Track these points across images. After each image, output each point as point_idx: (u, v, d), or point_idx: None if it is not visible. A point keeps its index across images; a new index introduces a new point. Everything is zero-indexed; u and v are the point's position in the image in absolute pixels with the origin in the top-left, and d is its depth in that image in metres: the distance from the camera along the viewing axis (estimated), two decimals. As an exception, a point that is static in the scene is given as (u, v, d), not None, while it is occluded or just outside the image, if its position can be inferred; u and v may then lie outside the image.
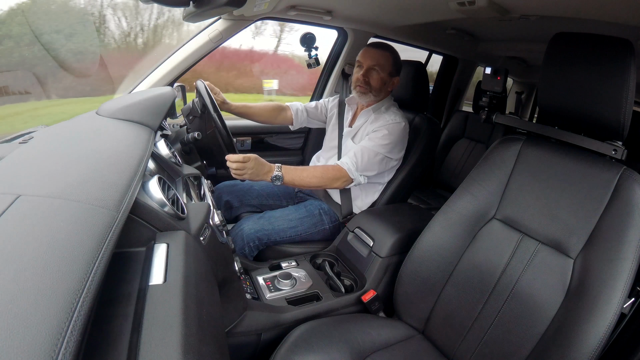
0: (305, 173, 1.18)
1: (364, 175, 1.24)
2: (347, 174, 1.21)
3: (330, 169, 1.22)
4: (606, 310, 0.66)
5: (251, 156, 1.09)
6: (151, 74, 1.42)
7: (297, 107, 1.51)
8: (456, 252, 0.92)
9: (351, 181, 1.23)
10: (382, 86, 1.30)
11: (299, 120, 1.51)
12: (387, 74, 1.29)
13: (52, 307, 0.28)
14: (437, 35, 1.99)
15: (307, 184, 1.19)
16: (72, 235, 0.36)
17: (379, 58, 1.27)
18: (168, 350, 0.37)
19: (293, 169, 1.17)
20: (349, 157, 1.23)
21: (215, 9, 0.96)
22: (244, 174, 1.09)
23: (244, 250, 1.25)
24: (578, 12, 1.11)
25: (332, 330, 0.86)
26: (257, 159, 1.10)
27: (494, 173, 0.92)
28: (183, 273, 0.48)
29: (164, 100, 0.97)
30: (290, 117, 1.50)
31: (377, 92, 1.31)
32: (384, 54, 1.28)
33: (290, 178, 1.15)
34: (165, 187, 0.65)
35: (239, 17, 1.39)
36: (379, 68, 1.27)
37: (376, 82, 1.29)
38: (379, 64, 1.27)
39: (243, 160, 1.07)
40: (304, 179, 1.18)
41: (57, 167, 0.51)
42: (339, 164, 1.22)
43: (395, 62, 1.30)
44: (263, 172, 1.12)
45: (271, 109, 1.48)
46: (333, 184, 1.22)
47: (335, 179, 1.21)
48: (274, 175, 1.13)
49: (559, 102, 0.81)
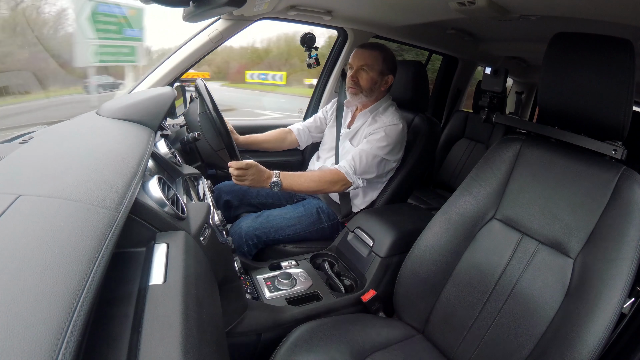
0: (303, 179, 1.19)
1: (362, 178, 1.25)
2: (346, 178, 1.22)
3: (329, 173, 1.23)
4: (606, 310, 0.66)
5: (252, 163, 1.11)
6: (151, 74, 1.42)
7: (297, 127, 1.55)
8: (456, 252, 0.91)
9: (350, 185, 1.23)
10: (372, 86, 1.30)
11: (303, 139, 1.55)
12: (377, 73, 1.29)
13: (52, 307, 0.28)
14: (437, 35, 1.99)
15: (306, 189, 1.20)
16: (72, 235, 0.36)
17: (367, 58, 1.28)
18: (168, 350, 0.37)
19: (291, 174, 1.18)
20: (347, 160, 1.23)
21: (215, 9, 0.96)
22: (244, 181, 1.11)
23: (242, 249, 1.25)
24: (578, 12, 1.11)
25: (332, 330, 0.86)
26: (258, 166, 1.12)
27: (494, 173, 0.92)
28: (183, 273, 0.48)
29: (164, 100, 0.97)
30: (294, 139, 1.55)
31: (368, 92, 1.31)
32: (372, 53, 1.28)
33: (288, 184, 1.17)
34: (165, 187, 0.65)
35: (239, 17, 1.39)
36: (368, 68, 1.28)
37: (365, 82, 1.29)
38: (367, 63, 1.28)
39: (245, 167, 1.10)
40: (302, 184, 1.19)
41: (57, 167, 0.51)
42: (337, 168, 1.23)
43: (386, 60, 1.29)
44: (263, 179, 1.14)
45: (277, 136, 1.53)
46: (332, 188, 1.23)
47: (334, 183, 1.22)
48: (272, 181, 1.14)
49: (559, 102, 0.81)
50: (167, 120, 1.30)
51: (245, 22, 1.44)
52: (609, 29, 0.99)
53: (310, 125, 1.55)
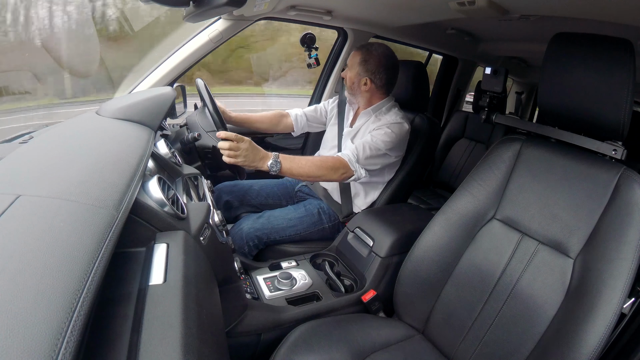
0: (304, 161, 1.14)
1: (365, 168, 1.21)
2: (348, 165, 1.18)
3: (330, 158, 1.19)
4: (606, 310, 0.66)
5: (245, 138, 1.03)
6: (151, 74, 1.42)
7: (296, 113, 1.52)
8: (456, 252, 0.91)
9: (352, 173, 1.19)
10: (351, 85, 1.31)
11: (299, 125, 1.52)
12: (355, 74, 1.29)
13: (52, 307, 0.28)
14: (437, 35, 1.99)
15: (306, 173, 1.13)
16: (72, 235, 0.36)
17: (351, 57, 1.31)
18: (168, 350, 0.37)
19: (291, 157, 1.11)
20: (350, 149, 1.21)
21: (215, 9, 0.96)
22: (237, 156, 1.01)
23: (243, 250, 1.25)
24: (578, 12, 1.11)
25: (332, 330, 0.86)
26: (252, 143, 1.04)
27: (493, 173, 0.92)
28: (183, 273, 0.48)
29: (164, 100, 0.97)
30: (290, 123, 1.52)
31: (350, 90, 1.33)
32: (355, 53, 1.30)
33: (288, 166, 1.09)
34: (165, 187, 0.65)
35: (239, 17, 1.39)
36: (349, 67, 1.31)
37: (348, 80, 1.32)
38: (349, 63, 1.31)
39: (235, 139, 1.00)
40: (302, 167, 1.12)
41: (57, 167, 0.51)
42: (339, 155, 1.20)
43: (367, 62, 1.27)
44: (258, 158, 1.05)
45: (272, 117, 1.50)
46: (333, 175, 1.17)
47: (335, 169, 1.16)
48: (270, 162, 1.06)
49: (559, 102, 0.81)
50: (167, 120, 1.30)
51: (245, 22, 1.44)
52: (609, 29, 0.99)
53: (309, 114, 1.53)
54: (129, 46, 1.92)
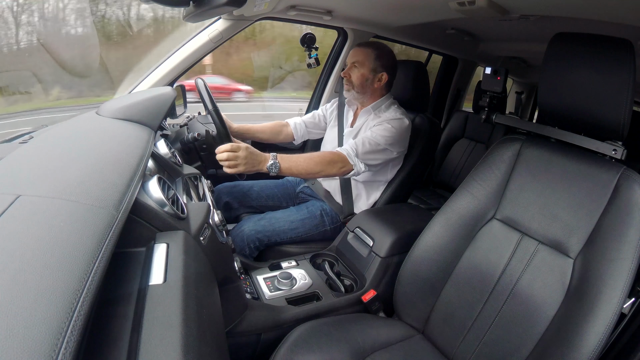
0: (302, 159, 1.14)
1: (364, 163, 1.21)
2: (346, 159, 1.18)
3: (328, 153, 1.20)
4: (606, 310, 0.66)
5: (241, 145, 1.05)
6: (151, 74, 1.42)
7: (295, 122, 1.54)
8: (456, 252, 0.91)
9: (351, 168, 1.19)
10: (363, 82, 1.30)
11: (299, 134, 1.54)
12: (368, 69, 1.29)
13: (52, 307, 0.28)
14: (437, 35, 1.98)
15: (305, 170, 1.14)
16: (72, 235, 0.36)
17: (359, 54, 1.29)
18: (168, 350, 0.37)
19: (289, 156, 1.12)
20: (349, 144, 1.21)
21: (215, 9, 0.96)
22: (238, 165, 1.03)
23: (244, 251, 1.24)
24: (578, 12, 1.11)
25: (332, 330, 0.86)
26: (249, 148, 1.06)
27: (493, 173, 0.92)
28: (183, 273, 0.48)
29: (164, 100, 0.97)
30: (290, 133, 1.53)
31: (359, 88, 1.31)
32: (365, 50, 1.29)
33: (287, 165, 1.10)
34: (165, 187, 0.65)
35: (239, 17, 1.39)
36: (358, 64, 1.29)
37: (357, 78, 1.30)
38: (358, 60, 1.29)
39: (231, 149, 1.02)
40: (301, 164, 1.13)
41: (57, 167, 0.51)
42: (338, 150, 1.21)
43: (380, 57, 1.29)
44: (258, 162, 1.06)
45: (272, 127, 1.51)
46: (332, 169, 1.17)
47: (333, 163, 1.17)
48: (269, 163, 1.07)
49: (559, 102, 0.81)
50: (167, 120, 1.30)
51: (245, 22, 1.44)
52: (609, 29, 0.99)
53: (307, 121, 1.54)
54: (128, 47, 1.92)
